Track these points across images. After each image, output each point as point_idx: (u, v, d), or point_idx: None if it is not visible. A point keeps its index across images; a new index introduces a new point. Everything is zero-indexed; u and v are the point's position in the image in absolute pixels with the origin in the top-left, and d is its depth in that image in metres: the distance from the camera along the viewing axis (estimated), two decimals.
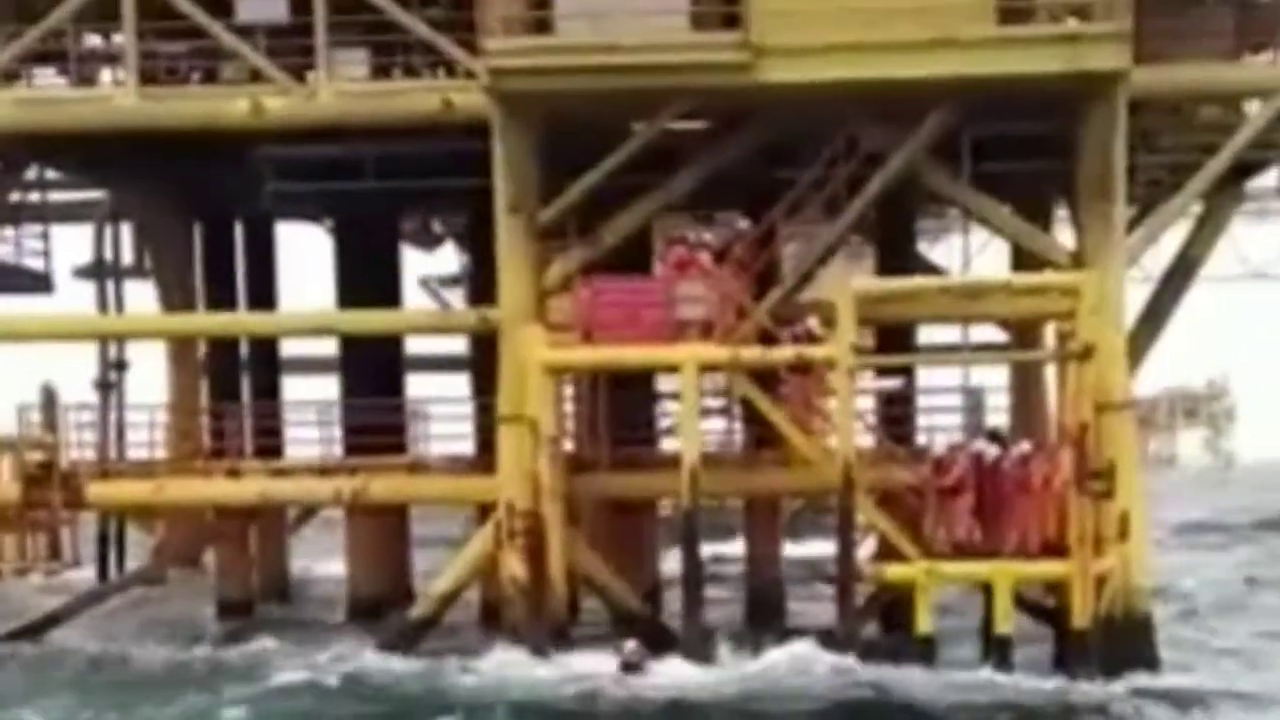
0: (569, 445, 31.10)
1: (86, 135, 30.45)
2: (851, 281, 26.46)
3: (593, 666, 26.39)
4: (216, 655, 29.34)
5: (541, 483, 27.04)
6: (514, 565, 27.59)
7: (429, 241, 45.55)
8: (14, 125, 30.47)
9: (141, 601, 36.73)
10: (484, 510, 30.04)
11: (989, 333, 33.22)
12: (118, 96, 30.06)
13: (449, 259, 47.20)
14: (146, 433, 34.02)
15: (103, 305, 37.59)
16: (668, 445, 32.31)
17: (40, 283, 34.85)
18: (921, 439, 30.61)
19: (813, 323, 26.72)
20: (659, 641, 27.69)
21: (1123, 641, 26.61)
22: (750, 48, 26.04)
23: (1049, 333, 29.94)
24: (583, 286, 27.56)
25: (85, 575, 37.95)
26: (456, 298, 45.16)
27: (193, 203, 35.29)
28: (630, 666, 26.11)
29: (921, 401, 30.96)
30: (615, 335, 26.81)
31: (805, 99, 26.54)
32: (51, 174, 35.43)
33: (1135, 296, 30.27)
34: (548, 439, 27.19)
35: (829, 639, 26.45)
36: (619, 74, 26.28)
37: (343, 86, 29.54)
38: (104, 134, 30.31)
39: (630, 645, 26.42)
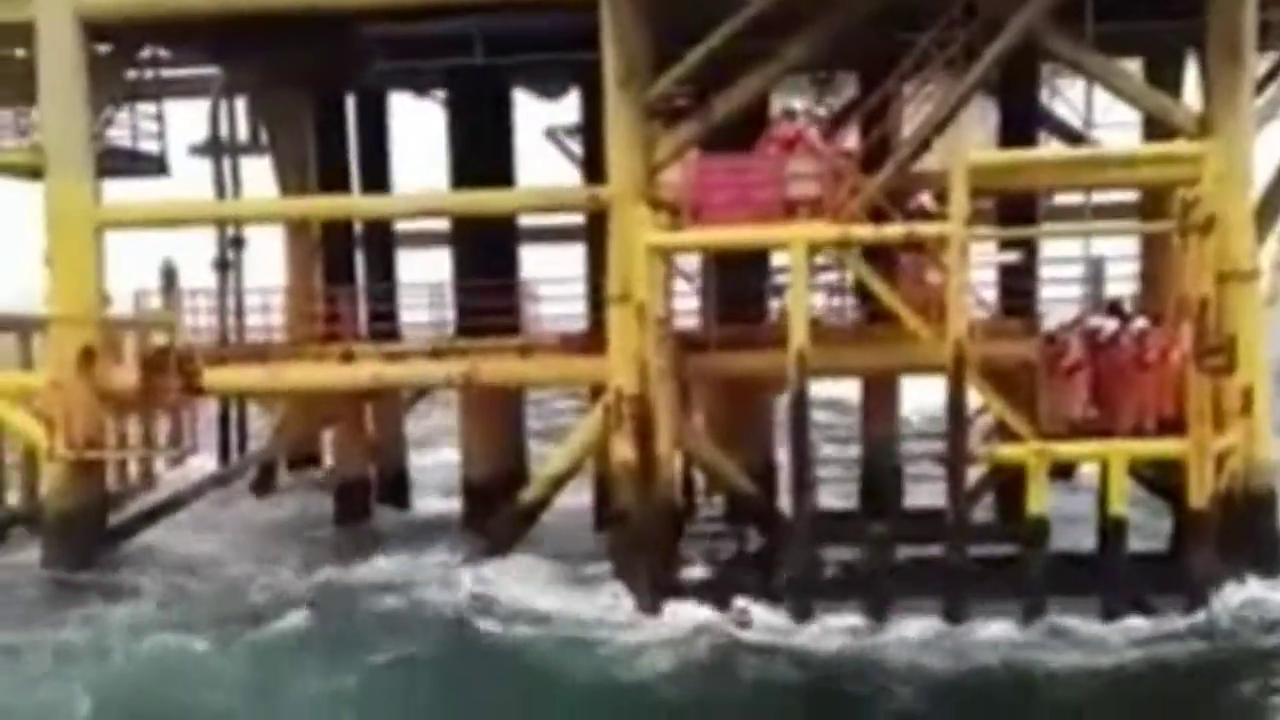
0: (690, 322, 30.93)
1: (196, 16, 30.38)
2: (966, 153, 25.57)
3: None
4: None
5: (649, 366, 26.75)
6: (623, 448, 27.45)
7: (554, 91, 44.80)
8: (126, 9, 30.52)
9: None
10: (597, 390, 29.89)
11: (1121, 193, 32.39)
12: None
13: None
14: (263, 314, 34.39)
15: (219, 184, 37.64)
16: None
17: (156, 165, 34.84)
18: (1043, 311, 30.01)
19: (925, 198, 26.02)
20: (769, 526, 27.50)
21: (1242, 521, 26.06)
22: None
23: None
24: (690, 165, 27.07)
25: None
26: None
27: (306, 77, 35.07)
28: (740, 624, 25.89)
29: (1043, 273, 30.16)
30: (724, 215, 26.30)
31: None
32: (164, 52, 35.25)
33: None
34: (655, 320, 26.87)
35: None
36: None
37: None
38: (212, 13, 30.22)
39: (741, 604, 26.10)
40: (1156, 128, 28.07)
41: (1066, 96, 34.73)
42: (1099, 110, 30.07)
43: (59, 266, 30.98)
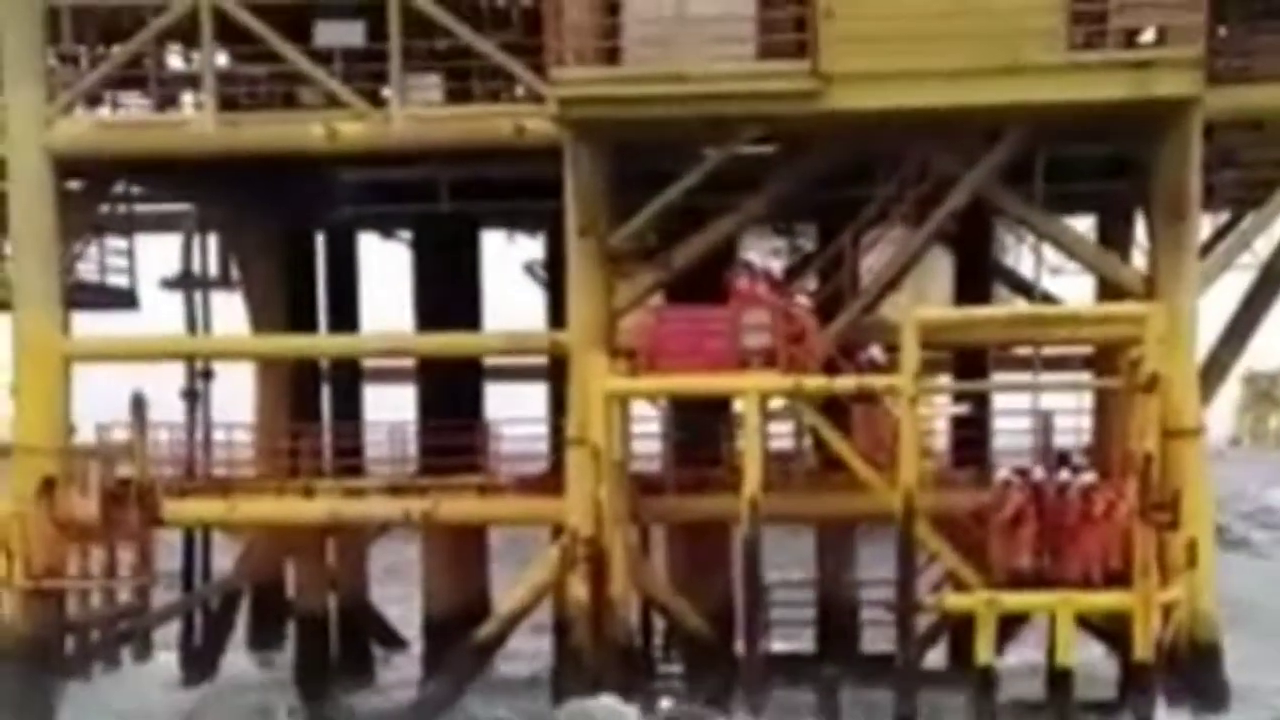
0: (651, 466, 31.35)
1: (166, 156, 30.98)
2: (916, 309, 26.23)
3: None
4: None
5: (603, 508, 27.15)
6: (578, 589, 27.78)
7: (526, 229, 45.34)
8: (97, 148, 31.01)
9: None
10: (557, 530, 30.22)
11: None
12: (195, 121, 30.50)
13: None
14: (230, 448, 34.68)
15: (190, 317, 38.13)
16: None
17: (126, 299, 35.29)
18: (996, 462, 30.45)
19: (875, 350, 26.59)
20: (722, 668, 27.75)
21: (1188, 673, 26.42)
22: (818, 75, 25.97)
23: None
24: (647, 314, 27.66)
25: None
26: None
27: (276, 216, 35.65)
28: None
29: (991, 425, 30.70)
30: (679, 363, 26.83)
31: (874, 125, 26.52)
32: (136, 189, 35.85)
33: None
34: (611, 465, 27.30)
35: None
36: (687, 103, 26.36)
37: (416, 111, 29.71)
38: (182, 155, 30.82)
39: (666, 705, 26.47)
40: (1109, 284, 28.77)
41: (1030, 246, 35.65)
42: (1061, 259, 30.98)
43: (25, 397, 31.28)
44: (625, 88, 26.52)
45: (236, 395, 38.64)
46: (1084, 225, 33.17)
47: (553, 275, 33.30)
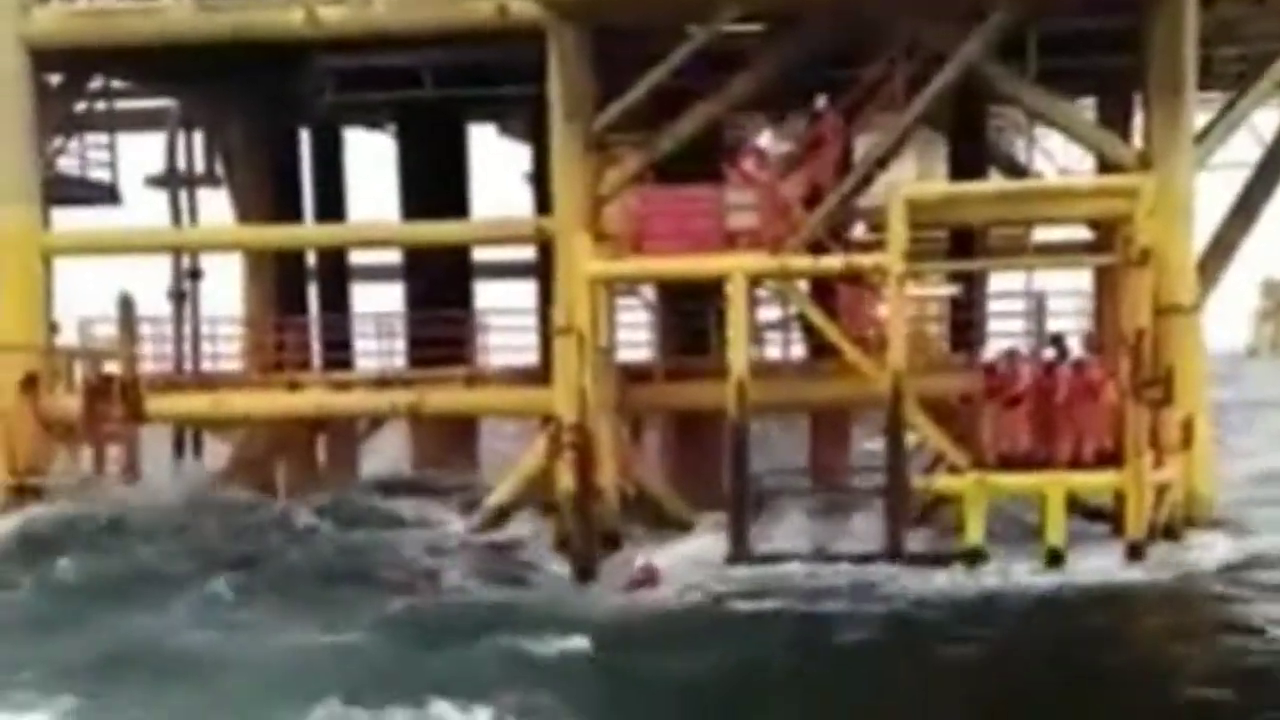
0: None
1: (144, 46, 30.46)
2: (903, 187, 25.69)
3: None
4: None
5: (587, 395, 26.74)
6: (565, 477, 27.42)
7: (510, 127, 44.79)
8: (72, 38, 30.69)
9: None
10: (547, 420, 29.85)
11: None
12: (173, 7, 29.98)
13: None
14: (218, 345, 34.38)
15: (176, 215, 37.76)
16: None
17: (107, 194, 34.91)
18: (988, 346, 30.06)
19: (860, 229, 26.11)
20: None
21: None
22: None
23: None
24: (632, 196, 27.14)
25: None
26: None
27: (260, 110, 35.14)
28: (639, 583, 25.49)
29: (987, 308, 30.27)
30: (664, 245, 26.33)
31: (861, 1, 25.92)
32: (119, 83, 35.37)
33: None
34: (596, 351, 26.87)
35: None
36: None
37: None
38: (162, 45, 30.30)
39: (640, 561, 25.91)
40: (1107, 164, 28.19)
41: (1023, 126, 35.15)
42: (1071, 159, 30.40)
43: (4, 293, 30.97)
44: None
45: (224, 297, 38.43)
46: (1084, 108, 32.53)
47: (538, 163, 32.75)
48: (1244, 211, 29.83)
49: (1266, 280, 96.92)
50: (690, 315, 30.81)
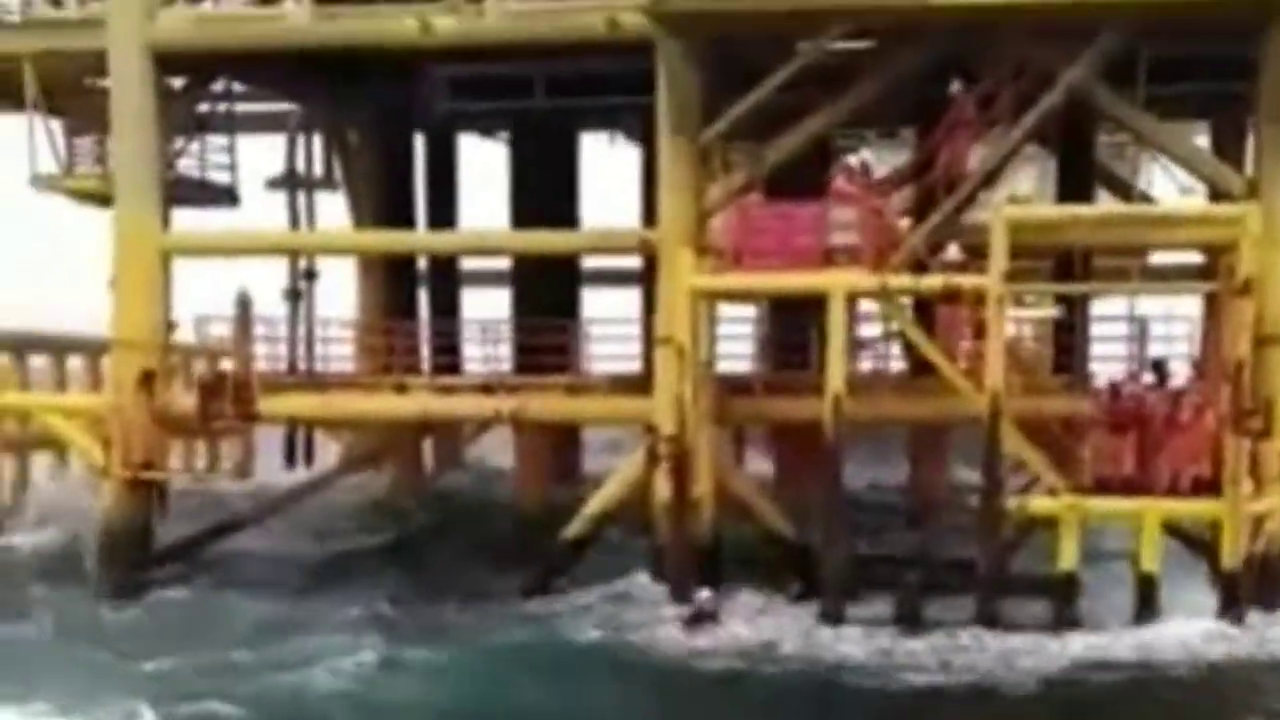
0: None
1: (264, 51, 31.07)
2: (1005, 208, 25.69)
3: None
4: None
5: (686, 406, 26.96)
6: (662, 487, 27.65)
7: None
8: (195, 43, 31.20)
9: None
10: (650, 429, 30.09)
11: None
12: (292, 15, 30.54)
13: None
14: (332, 345, 34.97)
15: (294, 217, 38.38)
16: None
17: (225, 196, 35.55)
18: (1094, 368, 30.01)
19: (954, 250, 26.12)
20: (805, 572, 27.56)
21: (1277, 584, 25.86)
22: None
23: None
24: (734, 210, 27.32)
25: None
26: None
27: (377, 116, 35.70)
28: (700, 618, 25.74)
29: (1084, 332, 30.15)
30: (764, 260, 26.51)
31: (968, 19, 25.92)
32: (240, 87, 36.06)
33: None
34: (696, 363, 27.10)
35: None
36: None
37: (510, 5, 29.54)
38: (281, 50, 30.89)
39: (704, 594, 26.08)
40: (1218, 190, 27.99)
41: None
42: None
43: (123, 291, 31.63)
44: None
45: (341, 297, 39.05)
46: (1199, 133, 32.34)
47: (647, 174, 33.02)
48: None
49: None
50: (792, 329, 30.99)
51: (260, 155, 39.56)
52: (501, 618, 27.32)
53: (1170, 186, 35.88)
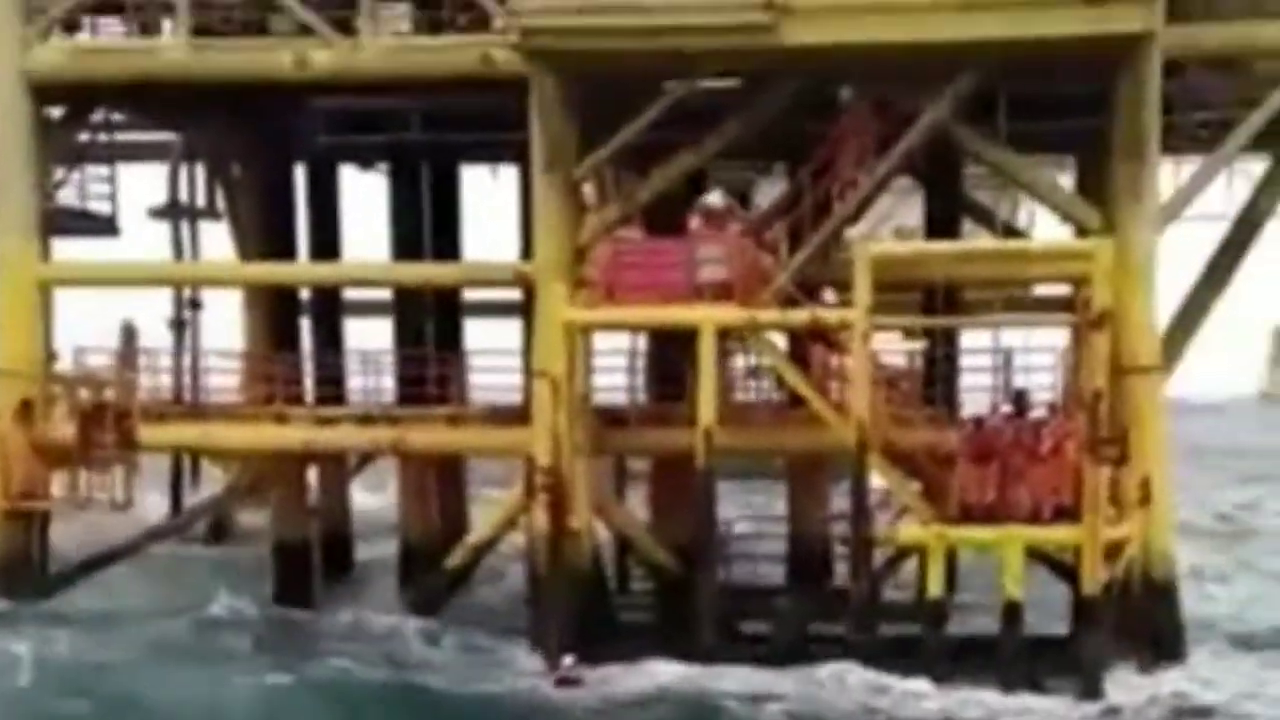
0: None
1: (141, 82, 31.17)
2: (868, 244, 26.31)
3: None
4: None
5: (562, 438, 27.34)
6: (539, 518, 27.99)
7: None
8: (71, 74, 31.27)
9: None
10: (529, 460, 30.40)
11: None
12: (168, 47, 30.70)
13: None
14: (214, 377, 35.09)
15: (177, 247, 38.53)
16: None
17: (106, 226, 35.62)
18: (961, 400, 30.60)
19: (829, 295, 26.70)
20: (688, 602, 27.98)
21: (1139, 609, 26.52)
22: (774, 9, 25.93)
23: None
24: (604, 244, 27.74)
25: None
26: None
27: (258, 146, 35.80)
28: (565, 682, 26.17)
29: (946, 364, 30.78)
30: (635, 294, 26.93)
31: (831, 60, 26.50)
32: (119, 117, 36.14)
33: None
34: (571, 396, 27.48)
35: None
36: (645, 35, 26.33)
37: (385, 41, 29.87)
38: (157, 82, 31.01)
39: (568, 661, 26.45)
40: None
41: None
42: None
43: (2, 320, 31.67)
44: (585, 19, 26.52)
45: (227, 328, 39.13)
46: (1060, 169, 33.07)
47: (524, 207, 33.39)
48: (1218, 273, 30.21)
49: (1278, 327, 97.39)
50: (671, 361, 31.39)
51: (145, 184, 39.75)
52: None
53: (1052, 221, 36.61)
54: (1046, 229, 35.99)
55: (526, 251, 32.58)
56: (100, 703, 25.16)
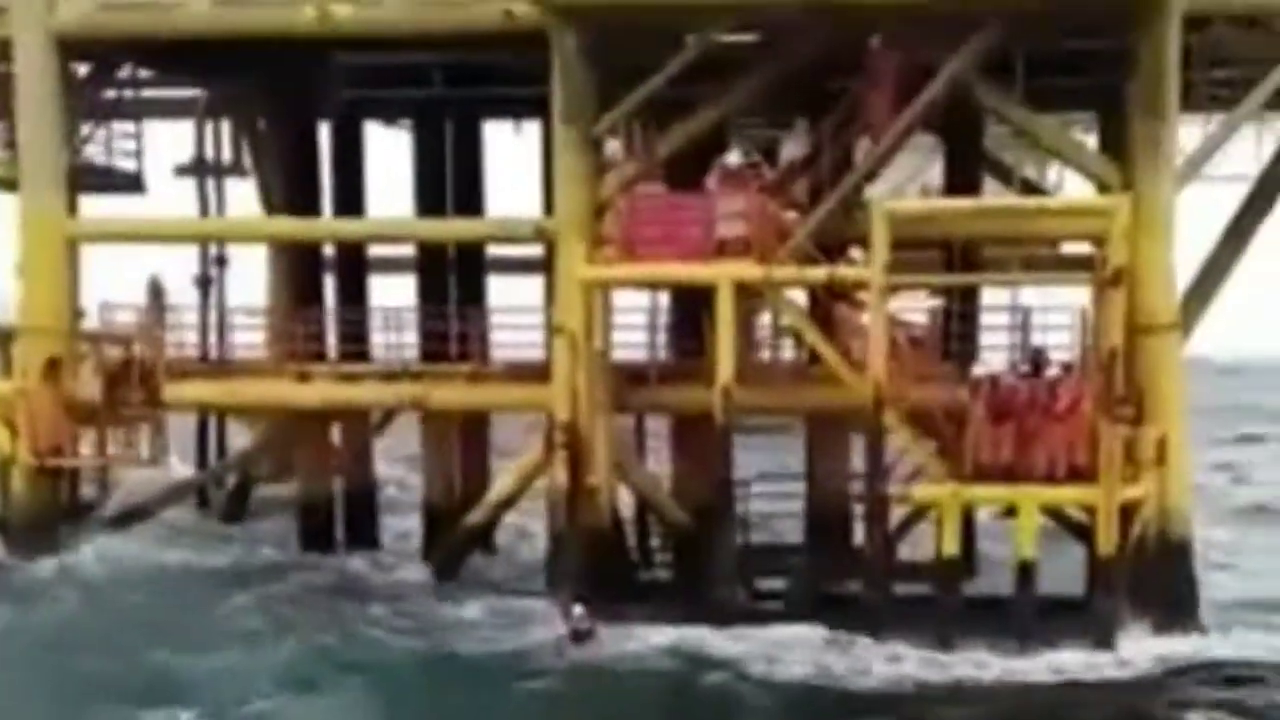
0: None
1: (166, 38, 31.29)
2: (884, 201, 26.25)
3: None
4: None
5: (580, 395, 27.42)
6: (558, 475, 28.10)
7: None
8: (96, 30, 31.38)
9: None
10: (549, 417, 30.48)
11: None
12: (192, 3, 30.77)
13: None
14: (246, 332, 35.30)
15: (203, 204, 38.62)
16: None
17: (132, 182, 35.72)
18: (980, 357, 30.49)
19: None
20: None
21: (1154, 569, 26.50)
22: None
23: None
24: (624, 200, 27.73)
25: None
26: None
27: (282, 103, 35.89)
28: (579, 635, 26.14)
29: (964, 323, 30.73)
30: (653, 251, 26.95)
31: (850, 13, 26.41)
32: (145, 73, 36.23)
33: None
34: (589, 352, 27.55)
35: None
36: None
37: None
38: (182, 37, 31.12)
39: (578, 611, 26.40)
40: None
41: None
42: None
43: (29, 278, 31.86)
44: None
45: (252, 285, 39.34)
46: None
47: (546, 164, 33.35)
48: (1237, 234, 30.27)
49: None
50: (692, 318, 31.40)
51: (171, 141, 39.84)
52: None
53: (1081, 183, 36.46)
54: (1076, 189, 35.99)
55: (549, 208, 32.71)
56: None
